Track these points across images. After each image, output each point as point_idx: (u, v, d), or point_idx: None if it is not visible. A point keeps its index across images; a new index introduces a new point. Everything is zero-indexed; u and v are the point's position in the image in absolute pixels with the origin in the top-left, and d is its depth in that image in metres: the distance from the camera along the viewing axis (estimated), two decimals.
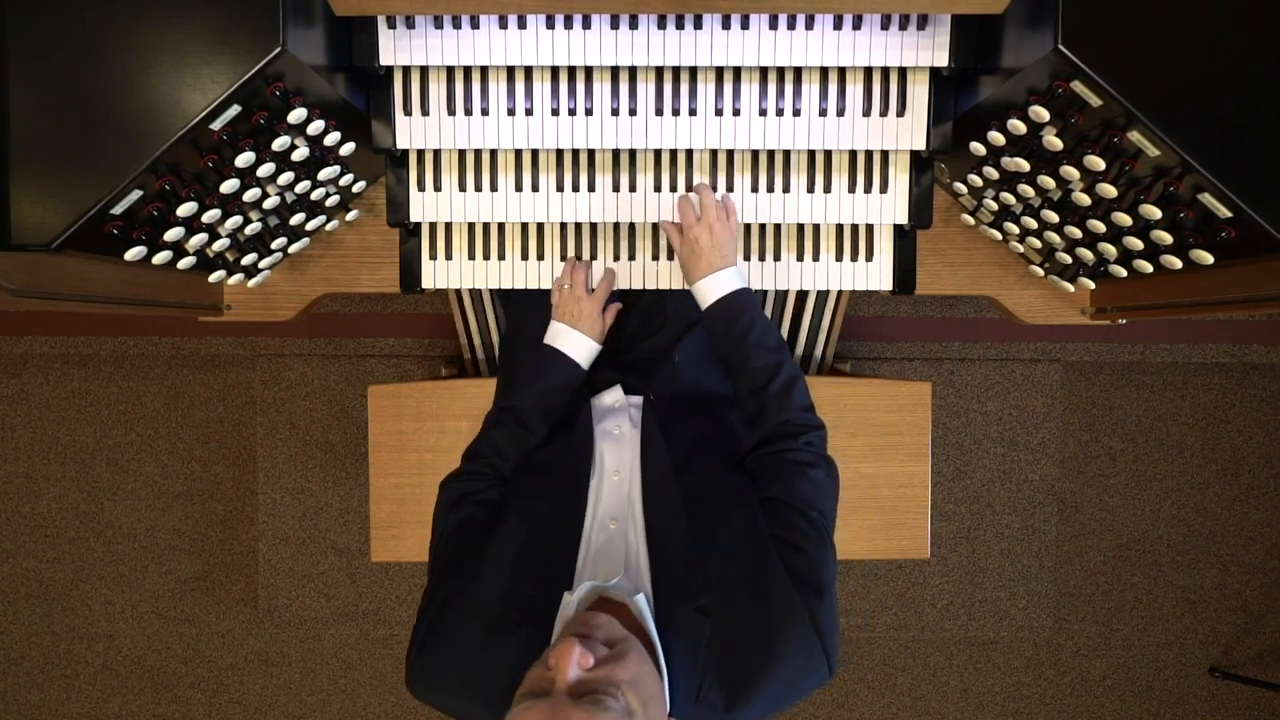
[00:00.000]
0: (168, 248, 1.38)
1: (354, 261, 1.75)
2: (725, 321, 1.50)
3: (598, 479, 1.36)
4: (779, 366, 1.45)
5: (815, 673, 1.16)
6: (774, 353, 1.47)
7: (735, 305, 1.51)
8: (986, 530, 2.83)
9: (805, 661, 1.15)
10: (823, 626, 1.16)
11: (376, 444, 1.91)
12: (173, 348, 2.77)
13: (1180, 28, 1.21)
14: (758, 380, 1.45)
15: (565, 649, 0.98)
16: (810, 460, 1.35)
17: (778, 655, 1.13)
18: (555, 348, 1.56)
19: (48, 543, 2.85)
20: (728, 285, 1.52)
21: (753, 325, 1.49)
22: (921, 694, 2.92)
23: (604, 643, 1.03)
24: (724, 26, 1.51)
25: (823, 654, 1.16)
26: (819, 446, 1.40)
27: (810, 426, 1.41)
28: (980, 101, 1.50)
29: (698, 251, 1.54)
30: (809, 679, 1.16)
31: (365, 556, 2.80)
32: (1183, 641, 2.91)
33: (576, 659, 0.97)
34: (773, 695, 1.13)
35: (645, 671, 1.04)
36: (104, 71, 1.24)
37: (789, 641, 1.14)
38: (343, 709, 2.91)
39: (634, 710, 0.96)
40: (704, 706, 1.11)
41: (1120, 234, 1.37)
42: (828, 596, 1.20)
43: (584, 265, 1.66)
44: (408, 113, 1.59)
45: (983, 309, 2.76)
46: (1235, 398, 2.83)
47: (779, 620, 1.15)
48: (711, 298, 1.52)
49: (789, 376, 1.45)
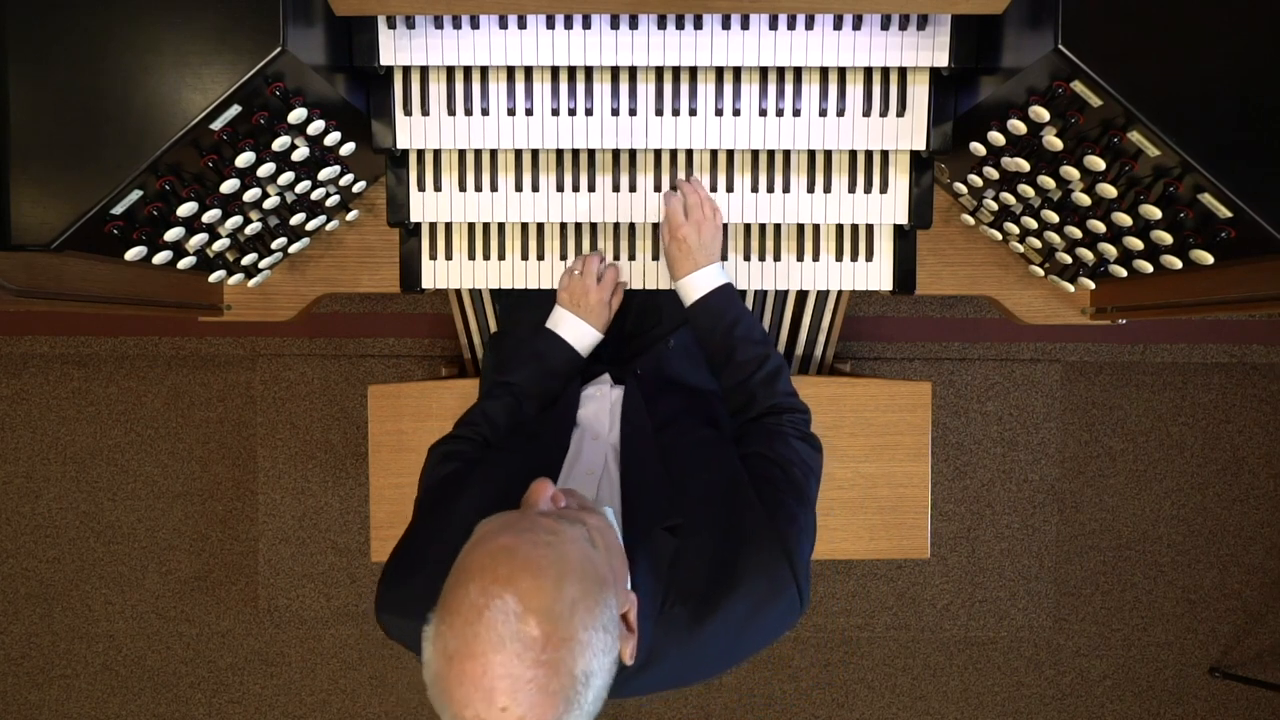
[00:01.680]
0: (168, 248, 1.38)
1: (354, 261, 1.75)
2: (712, 317, 1.53)
3: (578, 437, 1.39)
4: (764, 358, 1.47)
5: (784, 595, 1.15)
6: (759, 345, 1.49)
7: (721, 300, 1.54)
8: (986, 530, 2.83)
9: (772, 583, 1.14)
10: (793, 549, 1.16)
11: (376, 444, 1.91)
12: (173, 348, 2.77)
13: (1180, 27, 1.21)
14: (743, 372, 1.47)
15: (540, 483, 1.03)
16: (794, 433, 1.37)
17: (743, 573, 1.13)
18: (556, 332, 1.58)
19: (48, 543, 2.85)
20: (713, 281, 1.54)
21: (738, 320, 1.51)
22: (921, 694, 2.92)
23: (577, 503, 1.08)
24: (724, 26, 1.51)
25: (791, 577, 1.15)
26: (802, 426, 1.42)
27: (794, 409, 1.43)
28: (980, 101, 1.50)
29: (685, 250, 1.56)
30: (777, 604, 1.15)
31: (365, 556, 2.80)
32: (1183, 641, 2.91)
33: (550, 494, 1.02)
34: (739, 615, 1.13)
35: (611, 533, 1.07)
36: (104, 71, 1.24)
37: (755, 561, 1.14)
38: (343, 709, 2.91)
39: (597, 545, 0.99)
40: (668, 622, 1.11)
41: (1120, 234, 1.37)
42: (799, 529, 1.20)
43: (596, 255, 1.67)
44: (408, 113, 1.59)
45: (983, 309, 2.76)
46: (1235, 398, 2.83)
47: (747, 541, 1.16)
48: (697, 294, 1.54)
49: (774, 366, 1.47)
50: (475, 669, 0.86)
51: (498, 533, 0.94)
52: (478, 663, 0.86)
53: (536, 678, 0.86)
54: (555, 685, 0.87)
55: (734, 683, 2.89)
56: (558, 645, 0.88)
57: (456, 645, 0.88)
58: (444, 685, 0.89)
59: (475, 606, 0.87)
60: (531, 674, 0.86)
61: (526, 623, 0.87)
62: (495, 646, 0.86)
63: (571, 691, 0.89)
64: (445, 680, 0.88)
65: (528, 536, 0.93)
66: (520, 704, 0.86)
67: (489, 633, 0.86)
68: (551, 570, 0.90)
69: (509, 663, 0.86)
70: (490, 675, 0.86)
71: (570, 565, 0.92)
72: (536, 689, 0.86)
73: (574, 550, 0.94)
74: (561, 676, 0.88)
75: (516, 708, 0.86)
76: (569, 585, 0.90)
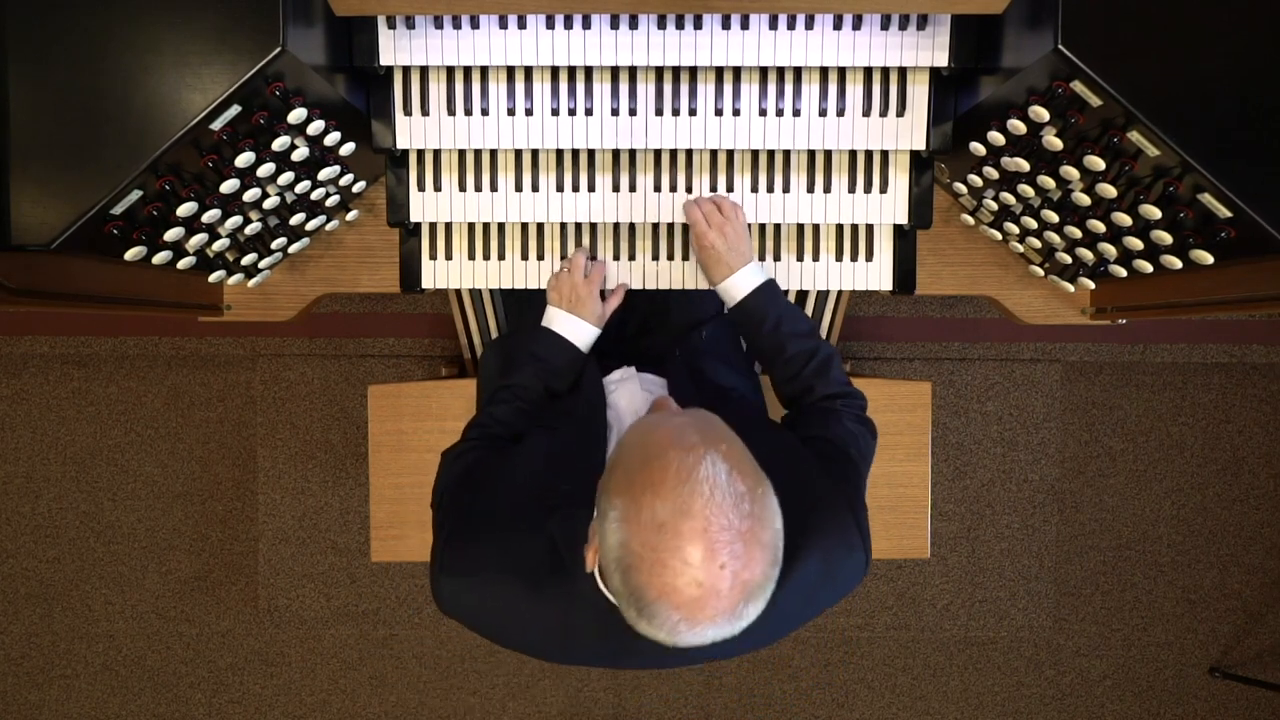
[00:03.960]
0: (168, 248, 1.38)
1: (354, 261, 1.75)
2: (756, 316, 1.53)
3: (615, 418, 1.41)
4: (815, 351, 1.49)
5: (853, 555, 1.18)
6: (807, 338, 1.51)
7: (763, 299, 1.54)
8: (986, 530, 2.83)
9: (842, 542, 1.17)
10: (859, 509, 1.19)
11: (376, 444, 1.91)
12: (173, 348, 2.77)
13: (1180, 27, 1.21)
14: (795, 366, 1.48)
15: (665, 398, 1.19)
16: (850, 416, 1.40)
17: (814, 533, 1.15)
18: (552, 330, 1.58)
19: (48, 543, 2.85)
20: (751, 282, 1.55)
21: (782, 317, 1.52)
22: (921, 694, 2.92)
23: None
24: (724, 26, 1.51)
25: (859, 534, 1.18)
26: (858, 410, 1.44)
27: (849, 395, 1.46)
28: (980, 101, 1.50)
29: (716, 256, 1.57)
30: (847, 564, 1.18)
31: (365, 556, 2.80)
32: (1183, 641, 2.91)
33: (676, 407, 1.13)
34: (812, 575, 1.14)
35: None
36: (104, 71, 1.24)
37: (826, 522, 1.16)
38: (343, 709, 2.91)
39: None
40: None
41: (1120, 234, 1.37)
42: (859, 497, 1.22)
43: (582, 251, 1.68)
44: (408, 113, 1.59)
45: (983, 309, 2.76)
46: (1235, 398, 2.83)
47: (817, 503, 1.18)
48: (737, 296, 1.55)
49: (825, 356, 1.49)
50: (695, 527, 0.87)
51: (663, 419, 0.98)
52: (697, 521, 0.87)
53: (752, 529, 0.89)
54: (766, 537, 0.90)
55: (734, 683, 2.89)
56: (760, 499, 0.91)
57: (669, 510, 0.88)
58: (655, 558, 0.88)
59: (684, 467, 0.88)
60: (747, 525, 0.88)
61: (734, 478, 0.89)
62: (712, 502, 0.87)
63: (775, 548, 0.92)
64: (658, 552, 0.88)
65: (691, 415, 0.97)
66: (738, 557, 0.88)
67: (705, 488, 0.88)
68: (731, 433, 0.93)
69: (727, 515, 0.87)
70: (711, 530, 0.87)
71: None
72: (753, 541, 0.89)
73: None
74: (769, 530, 0.91)
75: (734, 562, 0.87)
76: (747, 450, 0.94)
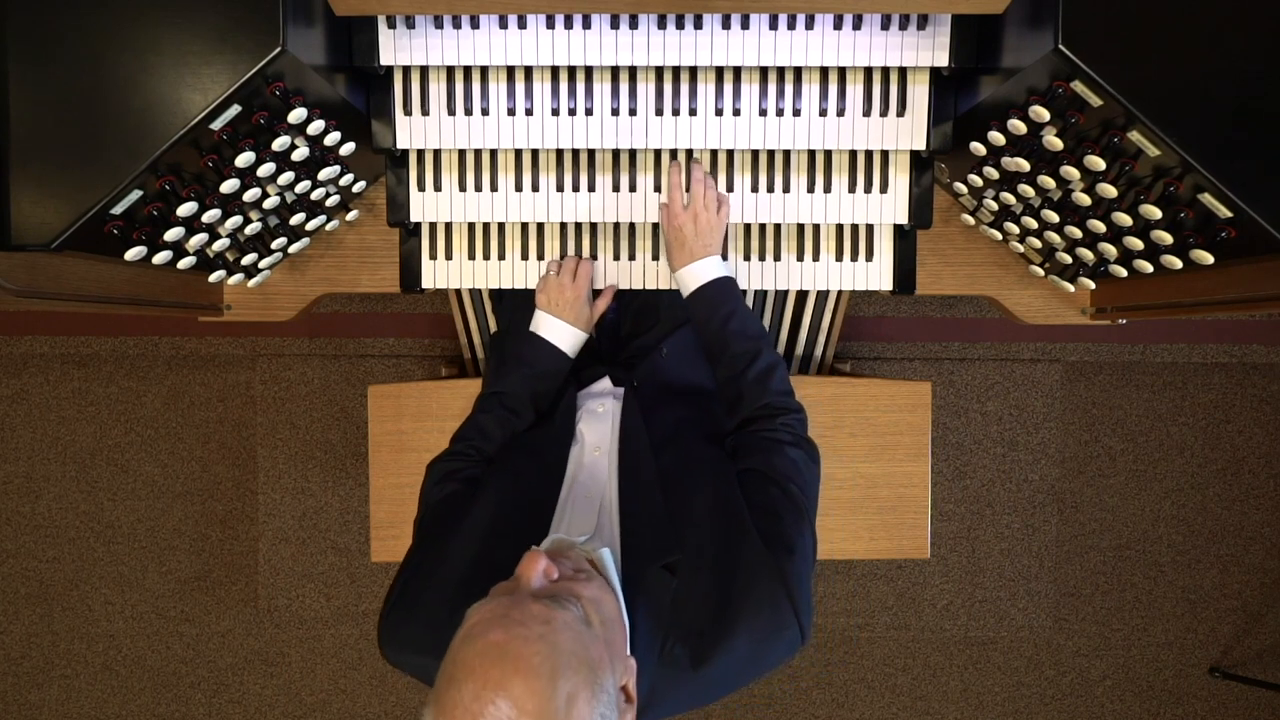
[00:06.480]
0: (168, 248, 1.38)
1: (354, 261, 1.75)
2: (706, 309, 1.52)
3: (577, 454, 1.37)
4: (757, 353, 1.46)
5: (785, 631, 1.13)
6: (753, 340, 1.48)
7: (716, 293, 1.53)
8: (986, 530, 2.83)
9: (773, 618, 1.12)
10: (792, 583, 1.14)
11: (376, 444, 1.91)
12: (173, 348, 2.77)
13: (1180, 27, 1.21)
14: (737, 366, 1.46)
15: (532, 558, 1.00)
16: (789, 440, 1.35)
17: (744, 610, 1.11)
18: (540, 335, 1.58)
19: (48, 543, 2.85)
20: (709, 273, 1.54)
21: (733, 314, 1.50)
22: (921, 694, 2.92)
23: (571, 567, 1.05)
24: (724, 26, 1.51)
25: (792, 612, 1.13)
26: (798, 429, 1.40)
27: (788, 410, 1.42)
28: (980, 101, 1.50)
29: (681, 239, 1.56)
30: (779, 640, 1.13)
31: (365, 556, 2.80)
32: (1183, 641, 2.91)
33: (542, 568, 0.99)
34: (740, 654, 1.11)
35: (608, 600, 1.04)
36: (104, 71, 1.24)
37: (755, 597, 1.12)
38: (343, 709, 2.91)
39: (592, 623, 0.96)
40: (669, 663, 1.10)
41: (1120, 234, 1.37)
42: (798, 559, 1.17)
43: (572, 258, 1.67)
44: (408, 113, 1.59)
45: (983, 309, 2.76)
46: (1235, 398, 2.83)
47: (746, 576, 1.14)
48: (693, 285, 1.55)
49: (767, 363, 1.46)
50: None
51: (488, 627, 0.92)
52: None
53: None
54: None
55: None
56: None
57: None
58: None
59: (469, 712, 0.85)
60: None
61: None
62: None
63: None
64: None
65: (518, 632, 0.90)
66: None
67: None
68: (545, 667, 0.87)
69: None
70: None
71: (564, 657, 0.89)
72: None
73: (567, 639, 0.91)
74: None
75: None
76: (564, 681, 0.88)
